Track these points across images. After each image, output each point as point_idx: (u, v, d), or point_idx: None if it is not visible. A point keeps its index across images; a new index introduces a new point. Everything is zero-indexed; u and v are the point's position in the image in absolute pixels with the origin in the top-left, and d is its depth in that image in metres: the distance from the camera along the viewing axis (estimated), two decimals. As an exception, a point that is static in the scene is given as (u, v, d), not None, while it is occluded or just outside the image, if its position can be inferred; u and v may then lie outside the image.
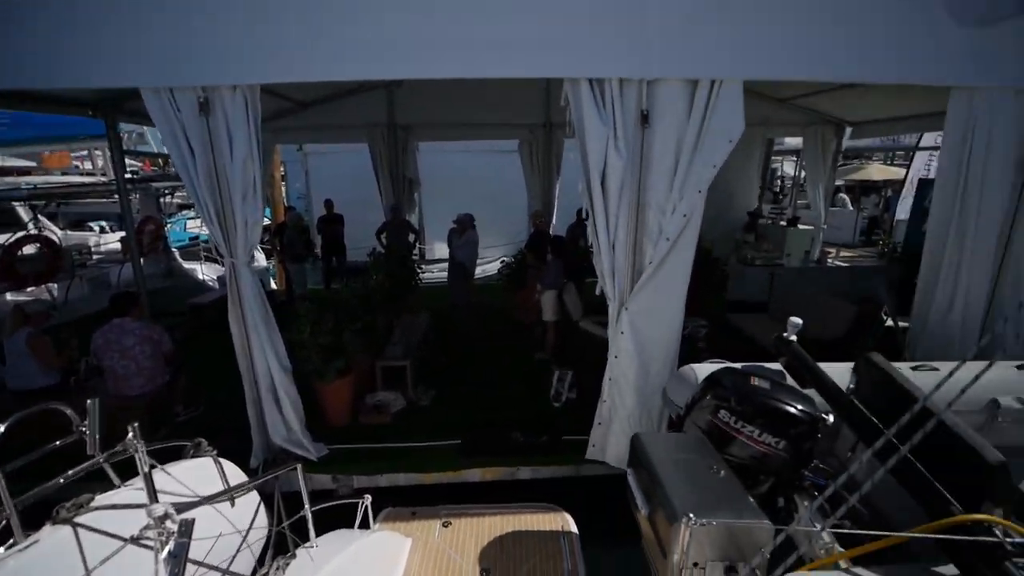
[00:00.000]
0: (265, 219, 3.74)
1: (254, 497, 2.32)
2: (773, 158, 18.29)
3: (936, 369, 2.87)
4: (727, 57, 2.93)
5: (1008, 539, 1.64)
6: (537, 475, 3.93)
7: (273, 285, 8.50)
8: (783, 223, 8.07)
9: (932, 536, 1.75)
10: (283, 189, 10.03)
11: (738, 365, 2.89)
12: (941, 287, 3.51)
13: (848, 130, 7.73)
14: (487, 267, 8.77)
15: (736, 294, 6.44)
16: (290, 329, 3.98)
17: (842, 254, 10.37)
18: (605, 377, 3.57)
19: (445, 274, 7.53)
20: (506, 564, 2.45)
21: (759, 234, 7.44)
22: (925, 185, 8.33)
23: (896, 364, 3.01)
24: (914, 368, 2.86)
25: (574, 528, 2.65)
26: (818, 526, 2.09)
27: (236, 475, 2.27)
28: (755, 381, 2.10)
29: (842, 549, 1.96)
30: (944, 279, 3.48)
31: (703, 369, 2.83)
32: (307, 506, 2.10)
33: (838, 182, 16.49)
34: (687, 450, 1.86)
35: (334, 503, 2.33)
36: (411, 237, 7.50)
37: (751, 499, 1.61)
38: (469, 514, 2.75)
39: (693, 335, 4.90)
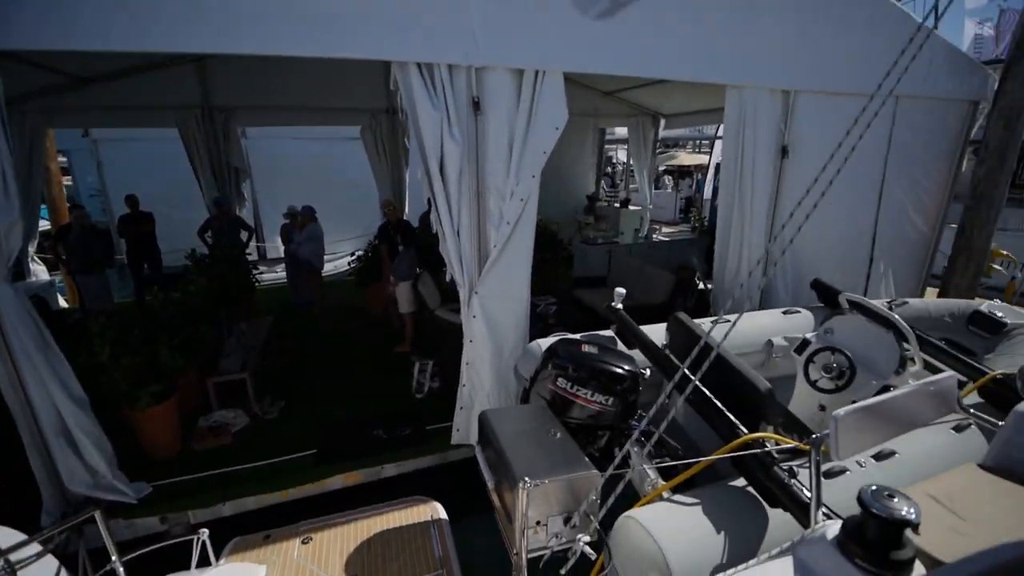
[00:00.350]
0: (43, 221, 2.99)
1: (48, 563, 1.89)
2: (608, 146, 20.28)
3: (728, 320, 3.46)
4: (549, 49, 3.11)
5: (775, 447, 2.05)
6: (404, 470, 3.86)
7: (64, 302, 6.93)
8: (617, 205, 8.98)
9: (725, 456, 2.10)
10: (65, 184, 8.15)
11: (577, 335, 3.16)
12: (731, 252, 4.23)
13: (662, 121, 8.86)
14: (338, 262, 8.27)
15: (580, 271, 7.01)
16: (82, 352, 3.29)
17: (665, 230, 11.94)
18: (462, 362, 3.62)
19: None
20: (375, 566, 2.36)
21: (598, 215, 8.18)
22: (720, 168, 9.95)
23: (700, 319, 3.58)
24: (713, 321, 3.42)
25: (443, 515, 2.66)
26: (646, 467, 2.40)
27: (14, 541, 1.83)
28: (585, 348, 2.31)
29: (664, 482, 2.27)
30: (732, 246, 4.20)
31: (547, 343, 3.03)
32: (115, 557, 1.78)
33: (661, 167, 18.88)
34: (529, 420, 1.98)
35: (162, 545, 2.01)
36: (244, 235, 6.70)
37: (583, 455, 1.78)
38: (332, 524, 2.59)
39: (544, 312, 5.24)
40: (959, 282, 5.29)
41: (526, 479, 1.54)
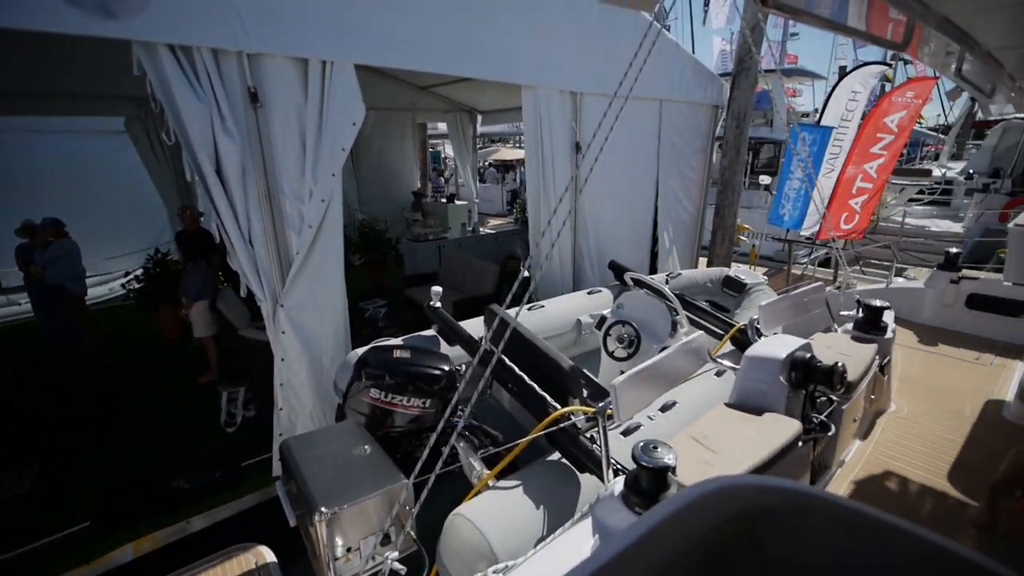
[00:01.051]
0: None
1: None
2: (435, 141, 20.30)
3: (543, 306, 3.72)
4: (336, 39, 2.91)
5: (579, 419, 2.25)
6: (219, 518, 3.34)
7: None
8: (444, 200, 9.02)
9: (540, 434, 2.24)
10: None
11: (398, 339, 3.07)
12: (544, 241, 4.55)
13: (480, 117, 9.12)
14: (112, 284, 6.76)
15: (411, 269, 6.90)
16: None
17: (493, 222, 12.43)
18: (275, 384, 3.25)
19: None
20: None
21: (425, 211, 8.12)
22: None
23: (521, 306, 3.77)
24: (529, 308, 3.65)
25: (271, 558, 2.36)
26: (472, 460, 2.43)
27: None
28: (398, 354, 2.24)
29: (489, 472, 2.33)
30: (544, 235, 4.52)
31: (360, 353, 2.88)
32: None
33: (487, 161, 19.57)
34: (337, 440, 1.84)
35: None
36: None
37: (394, 466, 1.72)
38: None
39: (373, 316, 5.01)
40: (719, 252, 6.54)
41: (322, 509, 1.41)
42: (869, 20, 1.29)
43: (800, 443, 2.07)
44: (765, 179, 9.00)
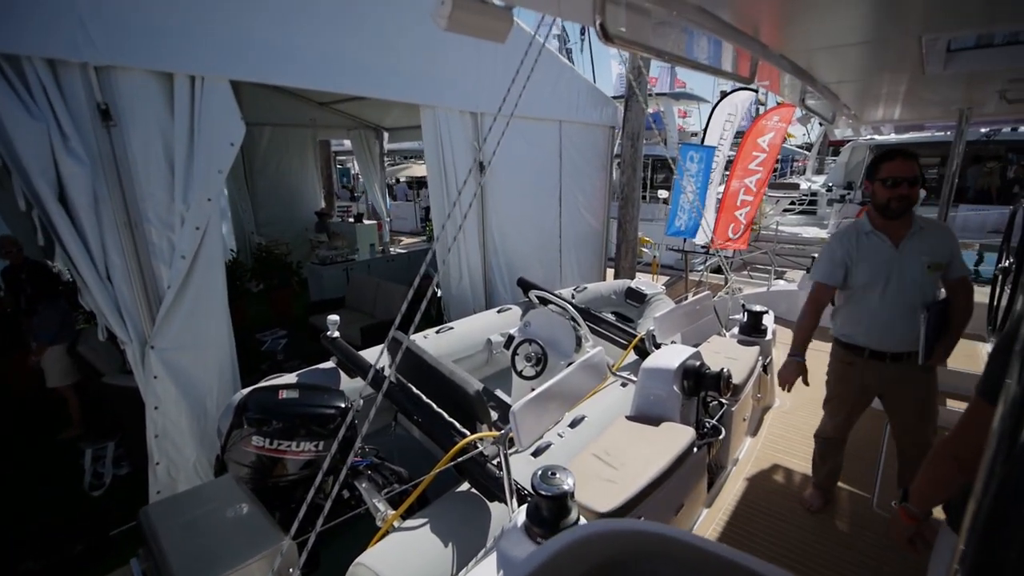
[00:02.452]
0: None
1: None
2: (343, 158, 19.56)
3: (452, 328, 3.65)
4: (207, 52, 2.67)
5: (487, 445, 2.19)
6: (80, 600, 2.85)
7: None
8: (352, 220, 8.67)
9: (447, 465, 2.15)
10: None
11: (290, 376, 2.84)
12: (452, 260, 4.49)
13: (386, 134, 8.92)
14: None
15: (317, 294, 6.50)
16: None
17: (406, 241, 12.17)
18: (149, 435, 2.86)
19: None
20: None
21: (331, 233, 7.73)
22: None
23: (429, 329, 3.67)
24: (438, 332, 3.56)
25: None
26: (375, 501, 2.28)
27: None
28: (284, 395, 2.05)
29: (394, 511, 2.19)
30: (452, 254, 4.46)
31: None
32: None
33: (400, 178, 19.20)
34: (209, 500, 1.63)
35: None
36: None
37: (273, 526, 1.54)
38: None
39: (272, 348, 4.63)
40: (624, 264, 6.87)
41: (178, 593, 1.22)
42: (716, 56, 1.40)
43: (696, 449, 2.17)
44: (663, 193, 9.67)
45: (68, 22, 2.19)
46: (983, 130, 8.39)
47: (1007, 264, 3.43)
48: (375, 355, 3.00)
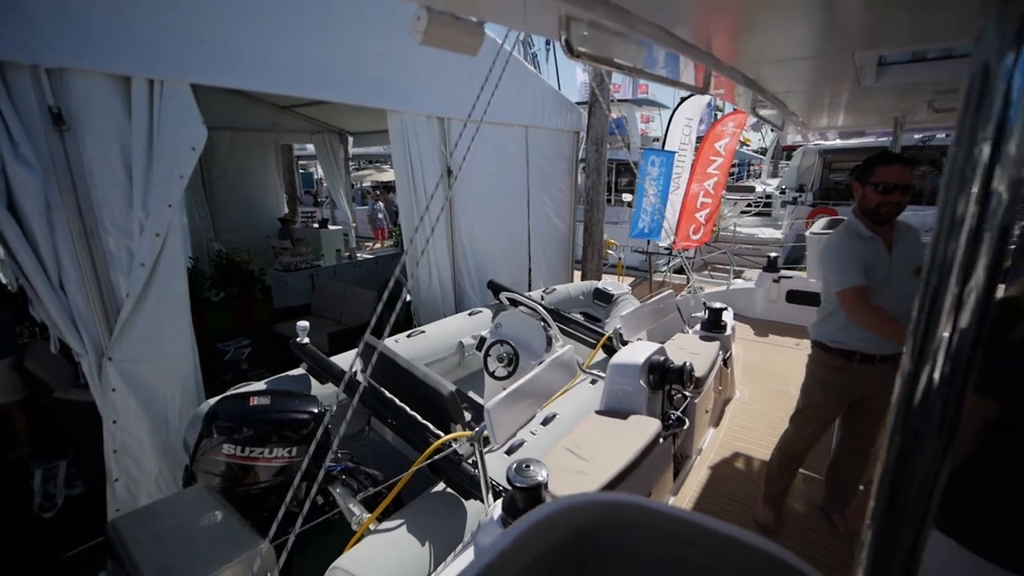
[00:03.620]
0: None
1: None
2: (307, 163, 19.12)
3: (424, 331, 3.66)
4: (166, 54, 2.61)
5: (461, 445, 2.23)
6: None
7: None
8: (316, 226, 8.51)
9: (421, 465, 2.17)
10: None
11: (261, 384, 2.79)
12: (422, 265, 4.49)
13: (351, 138, 8.81)
14: None
15: (281, 302, 6.36)
16: None
17: (375, 247, 12.02)
18: (107, 451, 2.75)
19: None
20: None
21: (295, 239, 7.57)
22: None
23: (401, 334, 3.67)
24: (409, 336, 3.56)
25: None
26: (351, 505, 2.28)
27: None
28: (255, 401, 2.03)
29: (370, 515, 2.20)
30: (421, 258, 4.47)
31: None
32: None
33: (365, 183, 18.91)
34: (181, 511, 1.60)
35: None
36: None
37: (248, 530, 1.54)
38: None
39: (236, 358, 4.52)
40: (590, 266, 7.02)
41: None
42: (675, 68, 1.50)
43: (661, 439, 2.26)
44: (628, 197, 9.93)
45: (16, 22, 2.11)
46: (917, 136, 8.99)
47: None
48: (347, 360, 2.99)
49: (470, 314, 4.03)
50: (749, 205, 13.32)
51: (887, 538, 0.50)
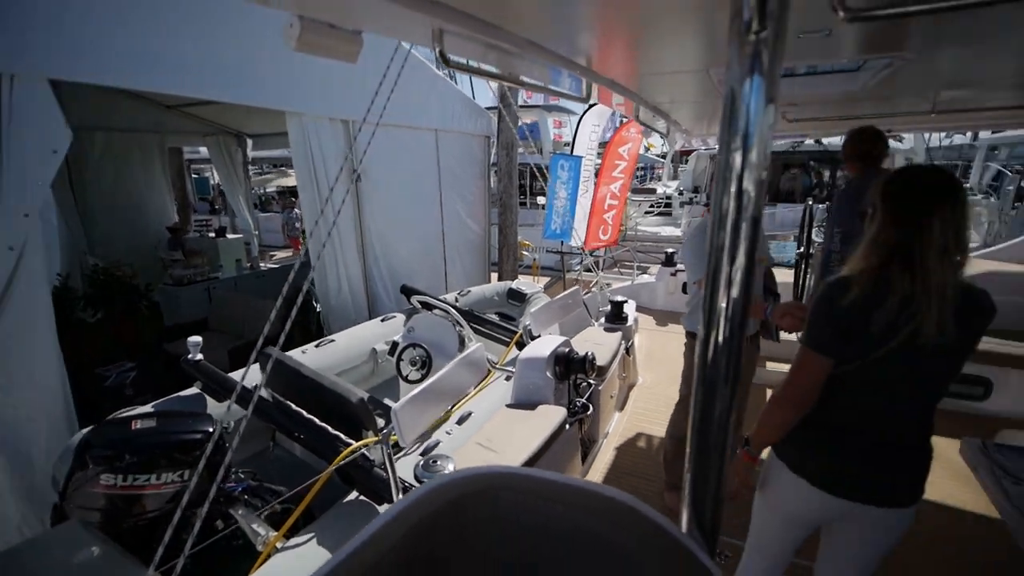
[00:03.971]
0: None
1: None
2: (202, 167, 17.56)
3: (334, 340, 3.55)
4: (20, 47, 2.32)
5: (373, 451, 2.21)
6: None
7: None
8: (212, 235, 7.88)
9: (329, 474, 2.12)
10: None
11: (147, 408, 2.57)
12: (330, 272, 4.35)
13: (250, 141, 8.26)
14: None
15: (173, 318, 5.83)
16: None
17: (280, 255, 11.37)
18: (-46, 500, 2.39)
19: None
20: None
21: (188, 250, 6.95)
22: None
23: (309, 344, 3.54)
24: (318, 345, 3.44)
25: None
26: (255, 526, 2.17)
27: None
28: (138, 424, 1.88)
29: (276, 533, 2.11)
30: (330, 265, 4.33)
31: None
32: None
33: (270, 188, 17.77)
34: (51, 549, 1.45)
35: None
36: None
37: (134, 560, 1.43)
38: None
39: (117, 383, 4.09)
40: (506, 267, 7.18)
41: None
42: (556, 78, 1.62)
43: (568, 426, 2.40)
44: (542, 200, 10.25)
45: None
46: (781, 142, 10.18)
47: (801, 250, 4.27)
48: (247, 376, 2.83)
49: (383, 320, 3.98)
50: (652, 206, 14.31)
51: (700, 468, 0.61)
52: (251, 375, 2.79)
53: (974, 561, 2.10)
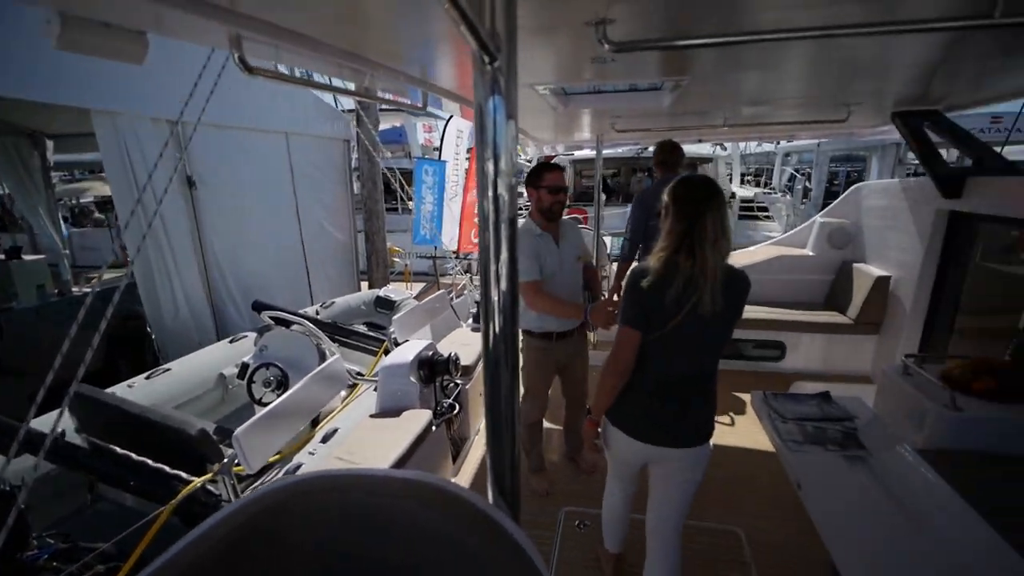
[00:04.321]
0: None
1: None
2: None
3: (168, 369, 3.15)
4: None
5: (214, 486, 2.01)
6: None
7: None
8: (2, 257, 6.44)
9: (166, 517, 1.90)
10: None
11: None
12: (163, 293, 3.84)
13: (50, 143, 6.92)
14: None
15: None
16: None
17: (107, 276, 9.68)
18: None
19: None
20: None
21: (-35, 276, 5.59)
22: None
23: (137, 377, 3.10)
24: (148, 376, 3.03)
25: None
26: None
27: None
28: None
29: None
30: (161, 282, 3.82)
31: None
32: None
33: (83, 199, 14.95)
34: None
35: None
36: None
37: None
38: None
39: None
40: (376, 275, 6.98)
41: None
42: (388, 88, 1.65)
43: (434, 427, 2.44)
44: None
45: None
46: (621, 149, 11.36)
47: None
48: (49, 422, 2.39)
49: (231, 341, 3.63)
50: (521, 209, 14.97)
51: (496, 442, 0.69)
52: (62, 420, 2.37)
53: (760, 485, 2.60)
